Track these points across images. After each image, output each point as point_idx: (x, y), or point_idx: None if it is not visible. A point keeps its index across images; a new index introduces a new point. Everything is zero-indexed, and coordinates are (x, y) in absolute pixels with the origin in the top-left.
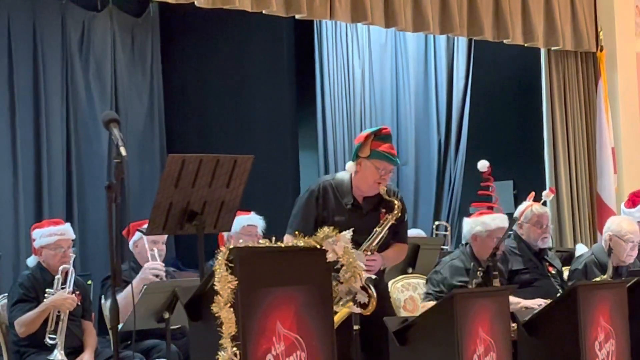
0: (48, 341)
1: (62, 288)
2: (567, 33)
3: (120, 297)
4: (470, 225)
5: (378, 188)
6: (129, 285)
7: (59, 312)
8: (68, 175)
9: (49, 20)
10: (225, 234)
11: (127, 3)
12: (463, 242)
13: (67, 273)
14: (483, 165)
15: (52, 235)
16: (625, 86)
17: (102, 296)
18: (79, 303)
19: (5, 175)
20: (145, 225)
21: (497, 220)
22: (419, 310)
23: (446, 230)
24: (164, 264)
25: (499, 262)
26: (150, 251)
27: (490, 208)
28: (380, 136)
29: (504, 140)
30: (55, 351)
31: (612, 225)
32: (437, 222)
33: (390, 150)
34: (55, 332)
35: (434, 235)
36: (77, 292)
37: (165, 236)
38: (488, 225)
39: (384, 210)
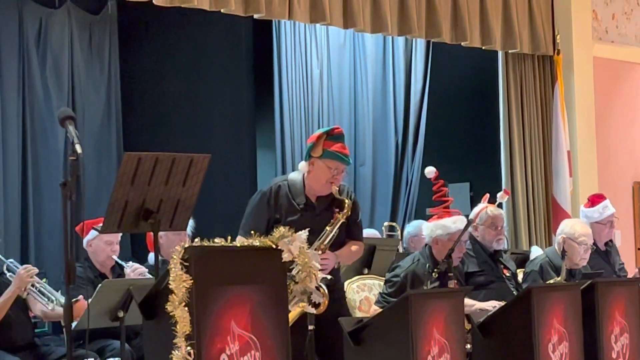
0: None
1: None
2: (525, 36)
3: None
4: (431, 228)
5: (330, 187)
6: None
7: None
8: (24, 172)
9: (6, 16)
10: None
11: (85, 0)
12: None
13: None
14: (430, 171)
15: None
16: (581, 90)
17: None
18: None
19: None
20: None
21: (457, 223)
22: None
23: (394, 231)
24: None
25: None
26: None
27: (447, 209)
28: (332, 136)
29: (461, 142)
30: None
31: (565, 227)
32: (386, 223)
33: (342, 149)
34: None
35: (384, 236)
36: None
37: (119, 236)
38: (449, 229)
39: (337, 210)
